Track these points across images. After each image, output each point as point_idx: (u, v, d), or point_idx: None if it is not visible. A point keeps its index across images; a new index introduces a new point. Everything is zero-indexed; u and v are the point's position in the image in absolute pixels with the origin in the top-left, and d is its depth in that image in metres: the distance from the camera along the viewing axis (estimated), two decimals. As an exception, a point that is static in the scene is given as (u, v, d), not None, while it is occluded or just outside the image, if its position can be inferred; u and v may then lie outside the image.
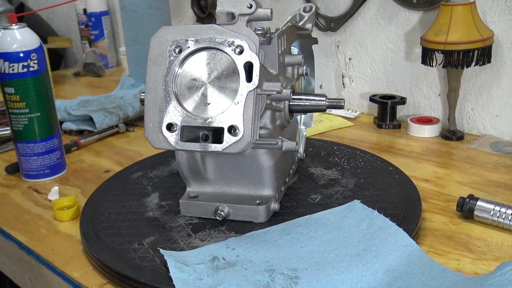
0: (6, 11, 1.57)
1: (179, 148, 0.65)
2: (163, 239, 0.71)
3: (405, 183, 0.83)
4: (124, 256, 0.68)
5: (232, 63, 0.64)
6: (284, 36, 0.74)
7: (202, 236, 0.71)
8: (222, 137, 0.64)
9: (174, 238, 0.71)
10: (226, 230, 0.72)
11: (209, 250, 0.66)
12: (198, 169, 0.74)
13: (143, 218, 0.77)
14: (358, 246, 0.65)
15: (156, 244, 0.70)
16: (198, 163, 0.73)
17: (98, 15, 1.72)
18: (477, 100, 1.06)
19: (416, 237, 0.70)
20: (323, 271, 0.60)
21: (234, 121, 0.63)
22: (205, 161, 0.74)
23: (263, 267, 0.63)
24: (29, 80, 0.90)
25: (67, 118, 1.21)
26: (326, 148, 0.98)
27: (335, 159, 0.93)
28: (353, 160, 0.92)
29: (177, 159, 0.74)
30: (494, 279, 0.56)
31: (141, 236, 0.72)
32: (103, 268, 0.67)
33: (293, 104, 0.74)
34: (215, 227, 0.73)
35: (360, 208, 0.72)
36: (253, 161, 0.72)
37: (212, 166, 0.74)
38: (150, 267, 0.65)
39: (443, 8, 0.98)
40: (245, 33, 0.64)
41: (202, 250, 0.66)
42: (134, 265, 0.66)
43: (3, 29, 0.90)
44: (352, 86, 1.25)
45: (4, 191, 0.94)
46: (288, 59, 0.76)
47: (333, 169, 0.89)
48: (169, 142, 0.65)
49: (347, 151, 0.96)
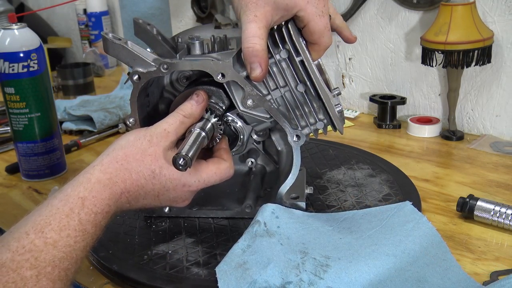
0: (6, 11, 1.56)
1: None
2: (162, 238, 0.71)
3: (405, 183, 0.83)
4: (124, 256, 0.68)
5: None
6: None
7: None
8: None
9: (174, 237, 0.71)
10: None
11: (258, 212, 0.68)
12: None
13: (143, 217, 0.77)
14: (397, 246, 0.63)
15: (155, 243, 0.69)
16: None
17: (98, 15, 1.72)
18: (477, 100, 1.06)
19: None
20: (355, 265, 0.60)
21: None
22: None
23: (298, 247, 0.63)
24: (29, 80, 0.90)
25: (67, 118, 1.21)
26: (326, 148, 0.98)
27: (335, 159, 0.93)
28: (353, 160, 0.92)
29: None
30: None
31: (154, 244, 0.72)
32: (103, 268, 0.67)
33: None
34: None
35: (410, 210, 0.70)
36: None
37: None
38: (150, 267, 0.66)
39: (443, 8, 0.98)
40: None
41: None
42: (149, 271, 0.65)
43: (3, 29, 0.90)
44: (352, 86, 1.25)
45: (4, 191, 0.94)
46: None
47: (333, 169, 0.89)
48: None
49: (347, 151, 0.96)
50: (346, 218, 0.71)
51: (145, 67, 0.69)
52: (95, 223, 0.57)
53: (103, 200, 0.58)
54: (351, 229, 0.68)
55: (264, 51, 0.65)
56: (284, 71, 0.69)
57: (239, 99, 0.69)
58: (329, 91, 0.68)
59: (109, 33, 0.70)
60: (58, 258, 0.53)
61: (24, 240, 0.52)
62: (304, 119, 0.71)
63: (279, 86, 0.70)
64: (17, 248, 0.52)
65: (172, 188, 0.64)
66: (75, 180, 0.60)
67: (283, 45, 0.68)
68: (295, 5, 0.64)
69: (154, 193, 0.63)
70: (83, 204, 0.57)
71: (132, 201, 0.62)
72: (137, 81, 0.69)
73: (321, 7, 0.65)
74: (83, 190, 0.58)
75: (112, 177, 0.60)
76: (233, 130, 0.73)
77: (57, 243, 0.53)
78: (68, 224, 0.55)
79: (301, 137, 0.70)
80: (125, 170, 0.61)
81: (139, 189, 0.62)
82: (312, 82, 0.68)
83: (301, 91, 0.69)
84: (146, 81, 0.70)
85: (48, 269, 0.52)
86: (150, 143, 0.63)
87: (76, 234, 0.55)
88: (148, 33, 0.76)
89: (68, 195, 0.57)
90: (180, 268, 0.65)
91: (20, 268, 0.50)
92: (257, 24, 0.64)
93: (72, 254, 0.54)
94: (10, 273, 0.50)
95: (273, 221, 0.66)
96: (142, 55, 0.69)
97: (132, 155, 0.62)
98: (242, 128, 0.73)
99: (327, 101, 0.68)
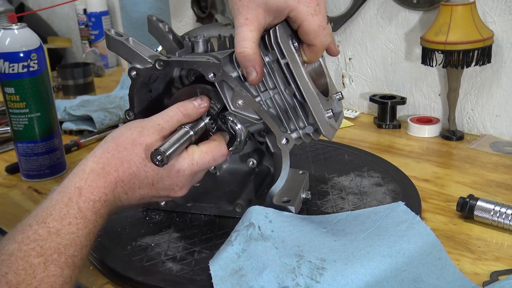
0: (6, 11, 1.57)
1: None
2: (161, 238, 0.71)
3: (405, 183, 0.83)
4: (119, 252, 0.68)
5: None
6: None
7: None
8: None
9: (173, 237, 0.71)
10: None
11: (249, 214, 0.67)
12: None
13: (140, 209, 0.78)
14: (392, 246, 0.63)
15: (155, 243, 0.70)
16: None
17: (98, 15, 1.72)
18: (477, 100, 1.06)
19: (416, 237, 0.70)
20: (351, 267, 0.60)
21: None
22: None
23: (294, 250, 0.63)
24: (29, 80, 0.90)
25: (67, 118, 1.21)
26: (342, 153, 0.97)
27: (348, 164, 0.92)
28: (353, 160, 0.92)
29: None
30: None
31: (141, 236, 0.72)
32: (103, 268, 0.67)
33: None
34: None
35: (403, 210, 0.70)
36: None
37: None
38: (129, 258, 0.66)
39: (443, 8, 0.98)
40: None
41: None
42: (127, 262, 0.66)
43: (3, 29, 0.89)
44: (352, 86, 1.25)
45: (4, 191, 0.94)
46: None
47: (342, 175, 0.88)
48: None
49: (347, 151, 0.96)
50: (340, 220, 0.71)
51: (142, 63, 0.70)
52: (94, 211, 0.58)
53: (99, 189, 0.59)
54: (345, 231, 0.68)
55: (257, 54, 0.65)
56: (274, 73, 0.68)
57: (230, 99, 0.69)
58: (319, 95, 0.68)
59: (111, 30, 0.70)
60: (63, 245, 0.54)
61: (28, 231, 0.54)
62: (293, 122, 0.70)
63: (268, 88, 0.69)
64: (22, 239, 0.53)
65: (166, 175, 0.64)
66: (71, 173, 0.61)
67: (271, 48, 0.67)
68: (286, 6, 0.64)
69: (148, 181, 0.64)
70: (80, 193, 0.58)
71: (129, 191, 0.63)
72: (135, 77, 0.70)
73: (313, 6, 0.64)
74: (78, 180, 0.59)
75: (105, 166, 0.61)
76: (231, 130, 0.73)
77: (60, 231, 0.55)
78: (68, 212, 0.56)
79: (290, 141, 0.69)
80: (116, 159, 0.62)
81: (133, 178, 0.63)
82: (298, 85, 0.67)
83: (289, 94, 0.69)
84: (148, 77, 0.70)
85: (55, 256, 0.53)
86: (140, 133, 0.64)
87: (78, 222, 0.56)
88: (159, 30, 0.77)
89: (65, 187, 0.59)
90: (156, 262, 0.66)
91: (28, 256, 0.52)
92: (248, 27, 0.64)
93: (76, 241, 0.55)
94: (19, 261, 0.51)
95: (267, 225, 0.66)
96: (139, 52, 0.69)
97: (123, 144, 0.63)
98: (240, 130, 0.73)
99: (313, 105, 0.67)
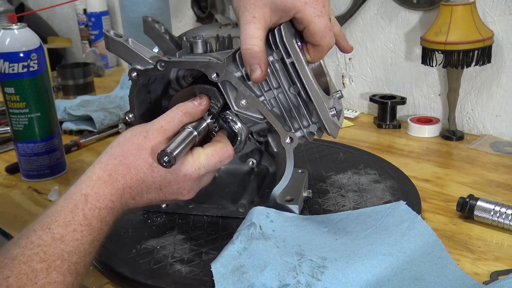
0: (6, 11, 1.57)
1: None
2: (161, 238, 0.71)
3: (405, 183, 0.83)
4: (124, 256, 0.68)
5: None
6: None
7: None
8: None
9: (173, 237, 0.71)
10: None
11: (250, 214, 0.68)
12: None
13: (141, 212, 0.77)
14: (393, 245, 0.63)
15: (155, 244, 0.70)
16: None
17: (98, 15, 1.72)
18: (477, 100, 1.06)
19: (416, 237, 0.70)
20: (352, 266, 0.60)
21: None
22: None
23: (295, 249, 0.63)
24: (29, 80, 0.90)
25: (67, 118, 1.21)
26: (326, 148, 0.98)
27: (344, 163, 0.93)
28: (348, 158, 0.92)
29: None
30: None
31: (145, 239, 0.72)
32: (103, 268, 0.67)
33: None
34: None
35: (404, 209, 0.71)
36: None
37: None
38: (136, 261, 0.66)
39: (443, 8, 0.98)
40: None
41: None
42: (134, 265, 0.66)
43: (3, 29, 0.89)
44: (352, 86, 1.25)
45: (4, 191, 0.94)
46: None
47: (339, 173, 0.88)
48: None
49: (341, 150, 0.96)
50: (341, 219, 0.71)
51: (143, 64, 0.69)
52: (100, 218, 0.58)
53: (105, 196, 0.59)
54: (346, 230, 0.68)
55: (263, 52, 0.65)
56: (278, 72, 0.68)
57: (233, 99, 0.69)
58: (323, 94, 0.68)
59: (111, 30, 0.70)
60: (67, 252, 0.54)
61: (32, 236, 0.54)
62: (297, 121, 0.70)
63: (272, 87, 0.69)
64: (26, 243, 0.53)
65: (174, 179, 0.64)
66: (78, 180, 0.61)
67: (276, 47, 0.67)
68: (293, 7, 0.64)
69: (156, 186, 0.64)
70: (86, 200, 0.58)
71: (136, 197, 0.63)
72: (135, 78, 0.70)
73: (319, 7, 0.65)
74: (85, 187, 0.59)
75: (112, 173, 0.61)
76: (231, 129, 0.73)
77: (64, 237, 0.54)
78: (73, 219, 0.56)
79: (294, 140, 0.69)
80: (124, 165, 0.62)
81: (140, 183, 0.62)
82: (303, 84, 0.67)
83: (294, 93, 0.69)
84: (147, 78, 0.70)
85: (58, 262, 0.53)
86: (145, 138, 0.64)
87: (82, 229, 0.56)
88: (155, 31, 0.76)
89: (71, 193, 0.59)
90: (164, 264, 0.66)
91: (31, 261, 0.52)
92: (255, 25, 0.64)
93: (80, 248, 0.55)
94: (22, 266, 0.51)
95: (268, 225, 0.66)
96: (140, 53, 0.69)
97: (129, 150, 0.63)
98: (241, 129, 0.73)
99: (318, 103, 0.67)
